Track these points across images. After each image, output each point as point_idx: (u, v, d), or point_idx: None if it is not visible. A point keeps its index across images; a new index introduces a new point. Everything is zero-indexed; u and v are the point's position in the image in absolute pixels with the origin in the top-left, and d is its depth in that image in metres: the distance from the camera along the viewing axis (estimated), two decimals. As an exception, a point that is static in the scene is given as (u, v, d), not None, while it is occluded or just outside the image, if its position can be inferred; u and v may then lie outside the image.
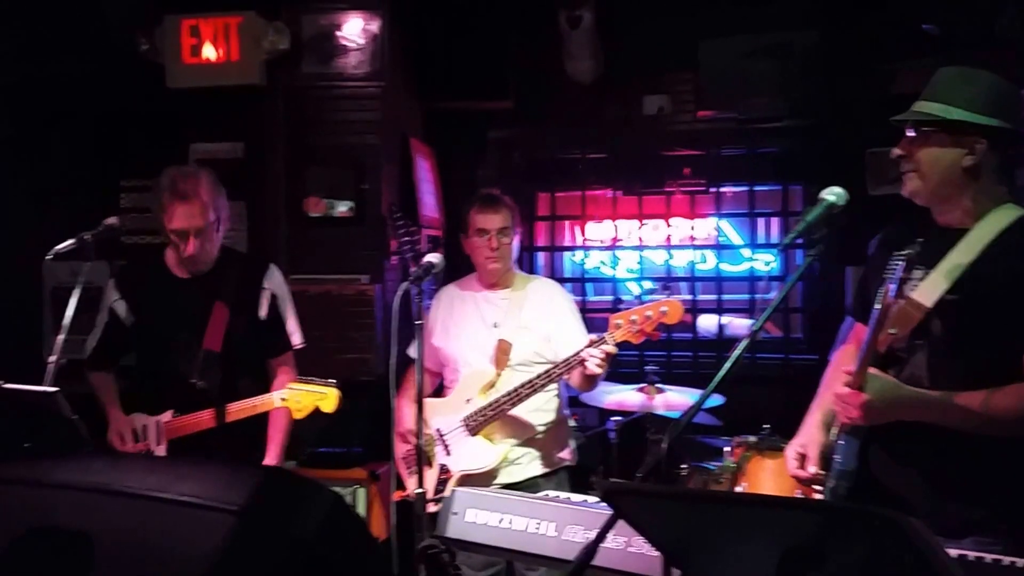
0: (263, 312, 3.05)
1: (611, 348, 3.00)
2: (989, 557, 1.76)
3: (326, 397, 2.91)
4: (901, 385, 2.09)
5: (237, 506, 1.34)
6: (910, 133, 2.18)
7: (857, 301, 2.51)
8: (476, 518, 2.22)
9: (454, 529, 2.23)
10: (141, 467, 1.73)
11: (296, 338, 3.16)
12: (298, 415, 2.93)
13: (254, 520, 1.35)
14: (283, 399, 2.90)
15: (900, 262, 2.17)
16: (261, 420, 3.03)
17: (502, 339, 3.35)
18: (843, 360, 2.53)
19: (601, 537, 1.71)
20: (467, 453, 3.32)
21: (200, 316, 3.00)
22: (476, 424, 3.30)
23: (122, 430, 2.98)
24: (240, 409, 2.96)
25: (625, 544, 1.97)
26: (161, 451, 2.96)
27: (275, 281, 3.10)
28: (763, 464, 3.31)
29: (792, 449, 2.36)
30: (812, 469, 2.30)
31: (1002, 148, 2.14)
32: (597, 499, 2.24)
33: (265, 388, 3.07)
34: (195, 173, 3.03)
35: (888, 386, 2.08)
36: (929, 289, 2.12)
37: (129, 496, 1.40)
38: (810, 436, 2.35)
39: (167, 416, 2.98)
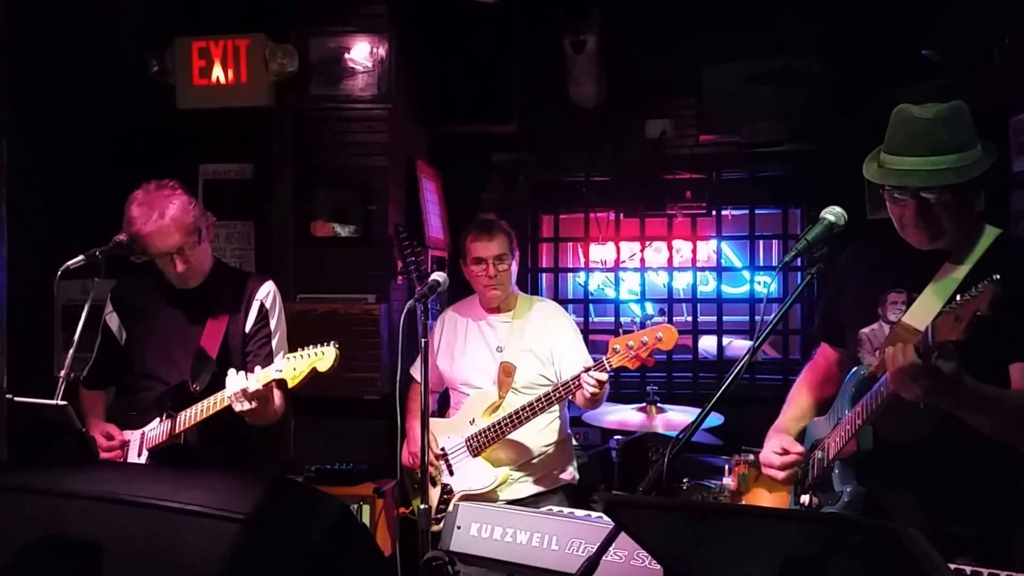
0: (250, 323, 3.00)
1: (603, 376, 3.05)
2: (986, 572, 1.78)
3: (323, 357, 2.72)
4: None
5: (245, 515, 1.34)
6: (928, 196, 2.09)
7: (825, 323, 2.51)
8: (480, 531, 2.24)
9: (458, 542, 2.25)
10: (150, 476, 1.75)
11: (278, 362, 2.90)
12: (293, 382, 2.74)
13: (262, 529, 1.35)
14: (279, 370, 2.74)
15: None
16: (243, 435, 2.93)
17: (506, 362, 3.38)
18: (809, 377, 2.56)
19: (603, 550, 1.73)
20: (468, 473, 3.34)
21: (193, 326, 2.97)
22: (478, 445, 3.33)
23: (107, 430, 2.98)
24: (192, 415, 2.86)
25: (626, 558, 1.99)
26: (140, 461, 2.94)
27: (269, 296, 3.06)
28: (762, 483, 3.33)
29: (768, 451, 2.38)
30: (796, 450, 2.33)
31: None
32: (599, 514, 2.26)
33: None
34: (162, 194, 2.89)
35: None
36: (921, 313, 2.12)
37: (138, 505, 1.40)
38: (780, 437, 2.39)
39: (151, 425, 2.96)
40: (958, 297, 1.86)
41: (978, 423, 2.03)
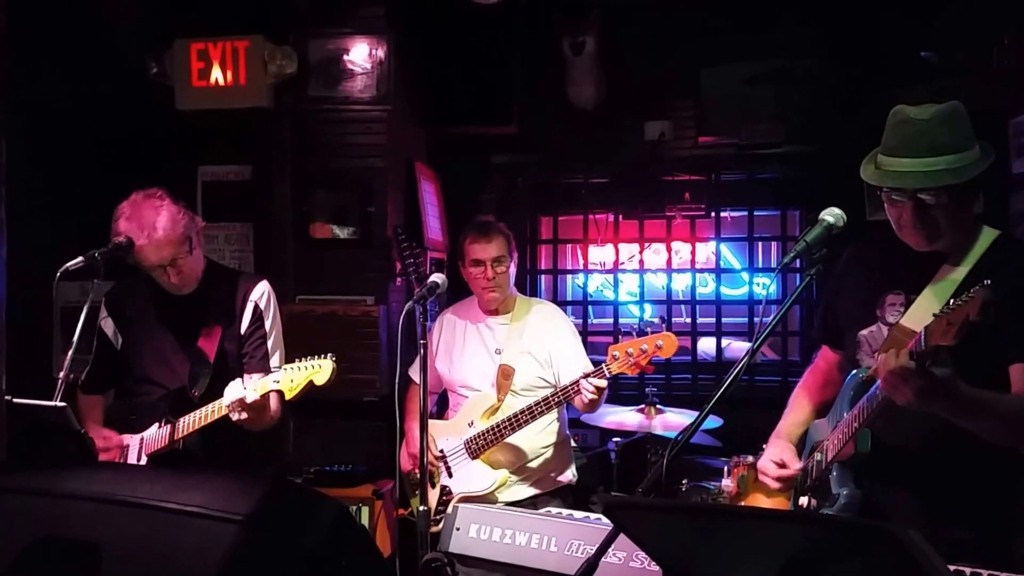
0: (245, 325, 3.00)
1: (602, 383, 3.06)
2: (985, 573, 1.78)
3: (320, 370, 2.74)
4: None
5: (244, 516, 1.35)
6: (925, 198, 2.08)
7: (824, 325, 2.51)
8: (479, 533, 2.24)
9: (457, 544, 2.26)
10: (149, 477, 1.75)
11: (274, 362, 2.98)
12: (290, 394, 2.75)
13: (260, 530, 1.36)
14: (276, 382, 2.75)
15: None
16: (242, 438, 2.92)
17: (504, 364, 3.38)
18: (809, 380, 2.56)
19: (602, 551, 1.73)
20: (468, 476, 3.34)
21: (190, 329, 2.97)
22: (477, 448, 3.33)
23: (104, 433, 2.99)
24: (190, 423, 2.86)
25: (625, 559, 1.99)
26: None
27: (263, 297, 3.05)
28: (761, 485, 3.33)
29: (767, 459, 2.39)
30: (795, 465, 2.34)
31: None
32: (598, 516, 2.26)
33: None
34: (149, 204, 2.87)
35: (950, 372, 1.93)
36: (919, 315, 2.10)
37: (137, 506, 1.41)
38: (783, 447, 2.40)
39: (150, 431, 2.96)
40: (951, 302, 1.85)
41: (977, 428, 2.03)
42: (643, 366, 3.04)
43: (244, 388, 2.74)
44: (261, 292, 3.05)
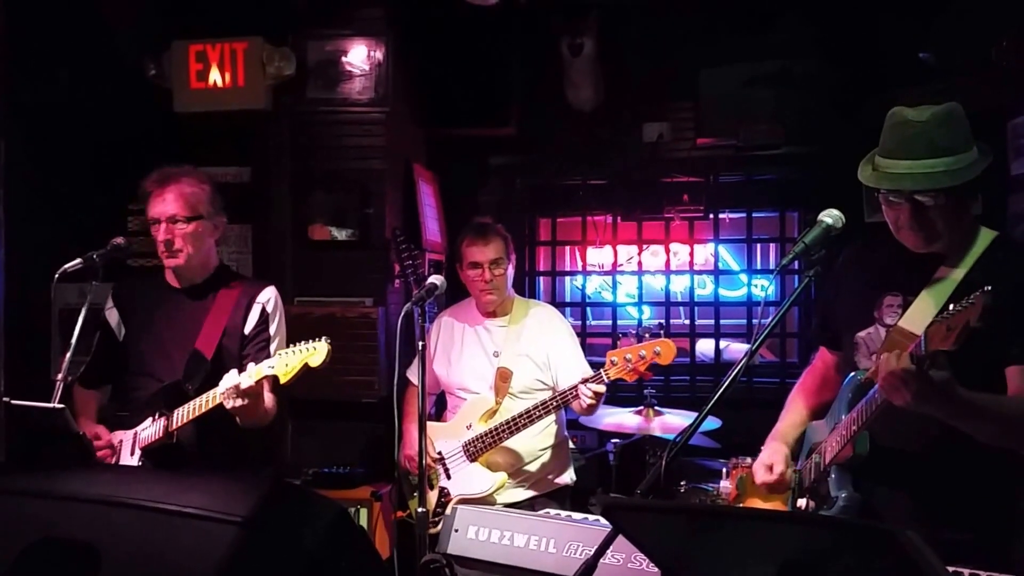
0: (250, 326, 3.00)
1: (601, 388, 3.06)
2: (984, 574, 1.78)
3: (315, 352, 2.69)
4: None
5: (242, 517, 1.35)
6: (923, 199, 2.08)
7: (822, 326, 2.52)
8: (477, 535, 2.24)
9: (455, 545, 2.25)
10: (147, 478, 1.76)
11: (270, 359, 2.93)
12: (285, 378, 2.72)
13: (259, 531, 1.36)
14: (271, 367, 2.72)
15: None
16: (240, 437, 2.91)
17: (502, 367, 3.38)
18: (807, 381, 2.57)
19: (600, 553, 1.73)
20: (466, 478, 3.34)
21: (191, 324, 2.97)
22: (475, 451, 3.33)
23: (95, 431, 2.99)
24: (186, 413, 2.84)
25: (624, 560, 1.99)
26: (133, 460, 2.94)
27: (270, 301, 3.05)
28: (759, 486, 3.34)
29: (760, 464, 2.41)
30: (779, 469, 2.36)
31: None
32: (597, 517, 2.26)
33: None
34: (178, 170, 2.99)
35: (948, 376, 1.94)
36: (917, 317, 2.11)
37: (135, 507, 1.41)
38: (775, 449, 2.41)
39: (144, 424, 2.96)
40: (951, 307, 1.85)
41: (974, 430, 2.03)
42: (641, 372, 3.04)
43: (239, 376, 2.73)
44: (268, 297, 3.05)
